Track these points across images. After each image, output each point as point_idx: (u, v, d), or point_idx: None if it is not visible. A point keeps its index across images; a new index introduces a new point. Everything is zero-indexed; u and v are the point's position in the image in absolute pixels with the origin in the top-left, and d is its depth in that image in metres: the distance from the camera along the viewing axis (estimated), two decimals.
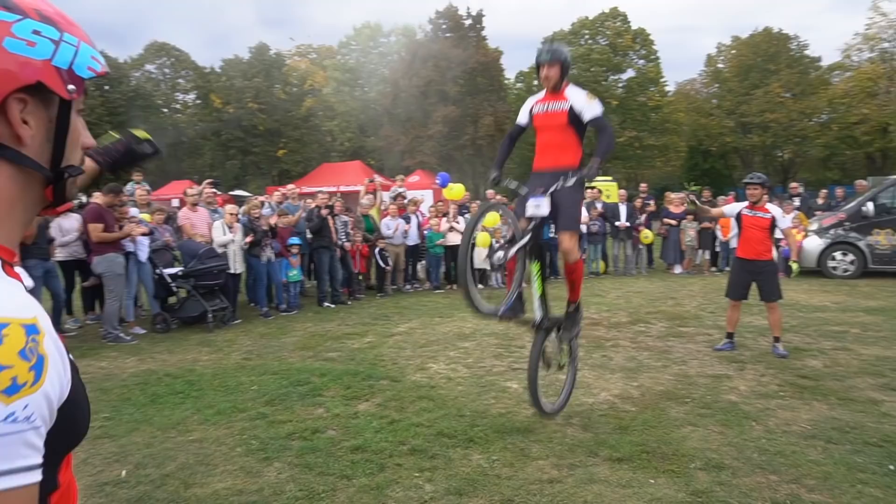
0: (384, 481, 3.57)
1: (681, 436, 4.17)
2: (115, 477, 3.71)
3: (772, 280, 6.22)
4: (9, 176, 0.78)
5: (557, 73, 4.04)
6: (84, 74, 0.82)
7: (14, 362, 0.65)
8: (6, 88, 0.74)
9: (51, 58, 0.77)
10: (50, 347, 0.70)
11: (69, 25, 0.82)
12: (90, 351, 6.89)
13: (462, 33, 31.58)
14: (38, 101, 0.78)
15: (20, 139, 0.77)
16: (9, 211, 0.79)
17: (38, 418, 0.67)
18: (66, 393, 0.73)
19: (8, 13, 0.75)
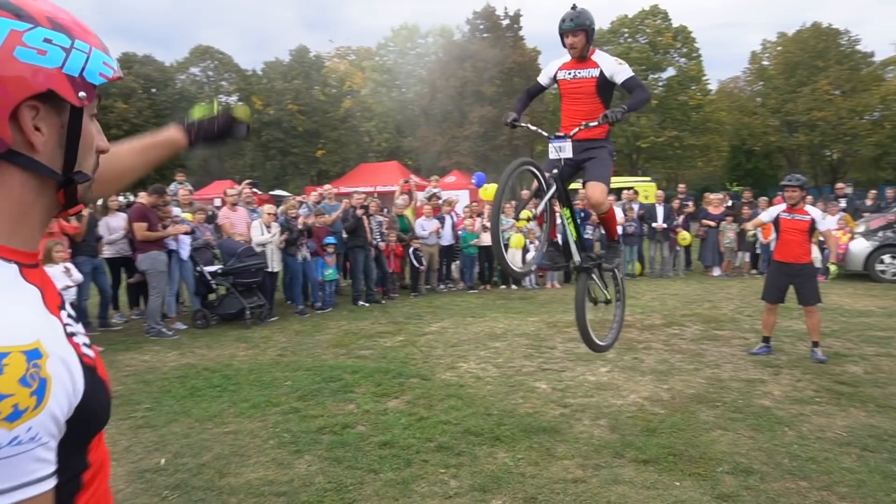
0: (410, 476, 3.65)
1: (710, 439, 4.13)
2: (154, 465, 3.88)
3: (810, 283, 6.07)
4: (23, 182, 0.81)
5: (583, 40, 3.82)
6: (95, 81, 0.84)
7: (15, 390, 0.68)
8: (18, 97, 0.76)
9: (61, 65, 0.79)
10: (53, 368, 0.73)
11: (82, 33, 0.84)
12: (134, 345, 7.17)
13: (499, 33, 31.54)
14: (49, 108, 0.80)
15: (33, 146, 0.79)
16: (24, 216, 0.82)
17: (45, 435, 0.72)
18: (78, 400, 0.78)
19: (20, 22, 0.77)
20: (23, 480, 0.69)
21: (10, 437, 0.67)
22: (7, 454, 0.67)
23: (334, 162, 36.65)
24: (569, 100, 4.01)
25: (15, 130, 0.78)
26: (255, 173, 36.64)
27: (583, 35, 3.79)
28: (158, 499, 3.45)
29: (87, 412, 0.79)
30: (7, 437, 0.67)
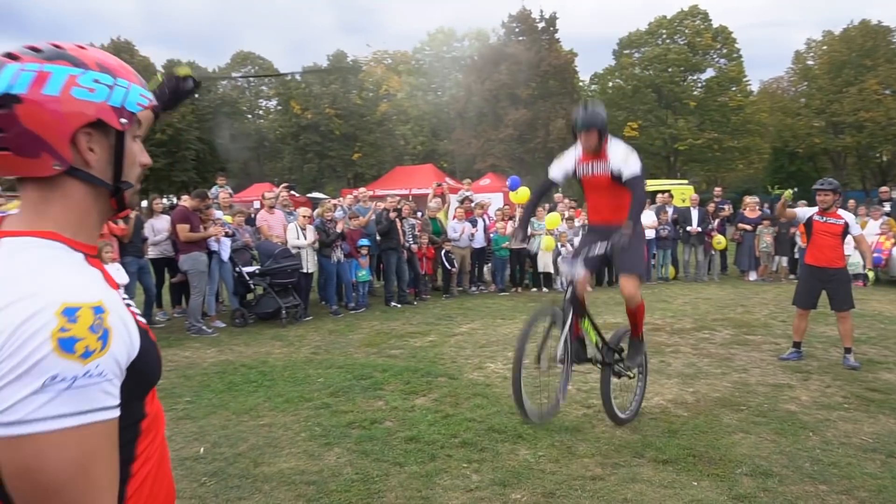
0: (434, 470, 3.79)
1: (731, 442, 4.16)
2: (194, 453, 4.12)
3: (843, 288, 6.00)
4: (82, 191, 1.02)
5: (596, 137, 4.05)
6: (134, 109, 1.05)
7: (86, 335, 0.87)
8: (74, 125, 0.97)
9: (106, 99, 1.00)
10: (113, 322, 0.92)
11: (124, 72, 1.05)
12: (176, 342, 7.52)
13: (535, 36, 31.51)
14: (99, 133, 1.01)
15: (88, 163, 1.00)
16: (86, 217, 1.04)
17: (109, 373, 0.90)
18: (135, 354, 0.97)
19: (75, 68, 0.99)
20: (94, 406, 0.88)
21: (84, 371, 0.86)
22: (82, 384, 0.86)
23: (370, 165, 37.14)
24: (591, 192, 4.31)
25: (74, 151, 0.99)
26: (292, 176, 37.38)
27: (595, 133, 4.01)
28: (197, 484, 3.67)
29: (143, 364, 0.99)
30: (82, 371, 0.86)
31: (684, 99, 33.91)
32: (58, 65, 0.98)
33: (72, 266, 0.96)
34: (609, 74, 36.78)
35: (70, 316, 0.86)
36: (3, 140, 0.95)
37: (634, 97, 34.02)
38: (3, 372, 0.84)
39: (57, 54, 0.99)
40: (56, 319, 0.85)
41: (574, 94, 32.08)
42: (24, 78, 0.95)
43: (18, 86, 0.94)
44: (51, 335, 0.84)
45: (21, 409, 0.83)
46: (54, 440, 0.84)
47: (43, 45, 1.01)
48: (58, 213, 1.00)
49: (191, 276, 7.93)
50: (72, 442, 0.85)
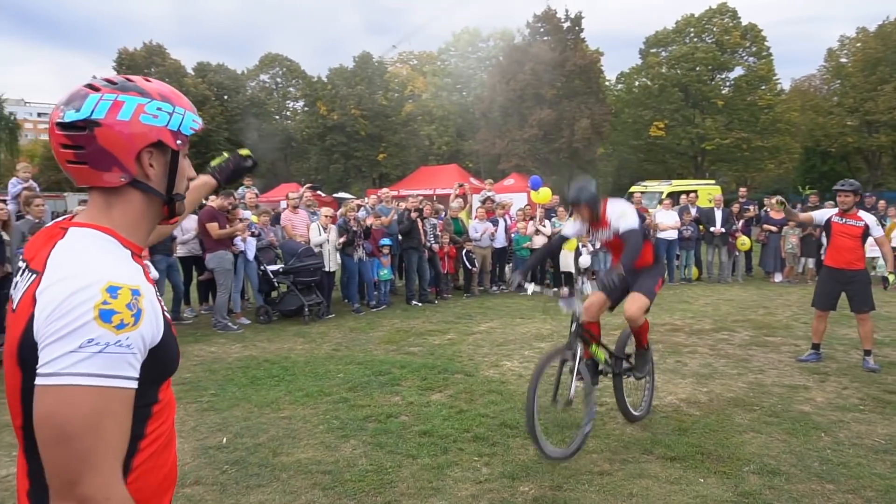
0: (445, 462, 3.91)
1: (741, 441, 4.20)
2: (217, 443, 4.31)
3: (863, 290, 5.95)
4: (141, 200, 1.22)
5: (588, 211, 4.32)
6: (187, 133, 1.25)
7: (122, 310, 1.03)
8: (140, 145, 1.17)
9: (167, 124, 1.20)
10: (146, 305, 1.08)
11: (179, 100, 1.25)
12: (202, 337, 7.77)
13: (560, 36, 31.42)
14: (159, 151, 1.21)
15: (148, 176, 1.21)
16: (140, 222, 1.23)
17: (136, 348, 1.05)
18: (158, 339, 1.12)
19: (142, 97, 1.19)
20: (118, 373, 1.03)
21: (116, 340, 1.02)
22: (112, 351, 1.02)
23: (395, 165, 37.44)
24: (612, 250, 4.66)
25: (138, 166, 1.19)
26: (318, 176, 37.93)
27: (586, 208, 4.29)
28: (219, 472, 3.85)
29: (163, 353, 1.14)
30: (114, 339, 1.02)
31: (712, 98, 33.46)
32: (129, 95, 1.18)
33: (120, 257, 1.14)
34: (635, 73, 36.49)
35: (112, 293, 1.03)
36: (83, 156, 1.15)
37: (661, 96, 33.68)
38: (51, 332, 1.00)
39: (128, 87, 1.20)
40: (100, 294, 1.02)
41: (599, 94, 31.94)
42: (102, 106, 1.15)
43: (98, 112, 1.14)
44: (94, 306, 1.01)
45: (58, 363, 0.99)
46: (78, 394, 0.99)
47: (117, 78, 1.22)
48: (117, 216, 1.20)
49: (217, 274, 8.18)
50: (92, 399, 1.00)
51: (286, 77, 48.50)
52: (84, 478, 1.00)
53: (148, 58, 36.75)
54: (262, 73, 48.90)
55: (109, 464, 1.03)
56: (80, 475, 1.00)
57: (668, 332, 7.85)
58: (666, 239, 12.64)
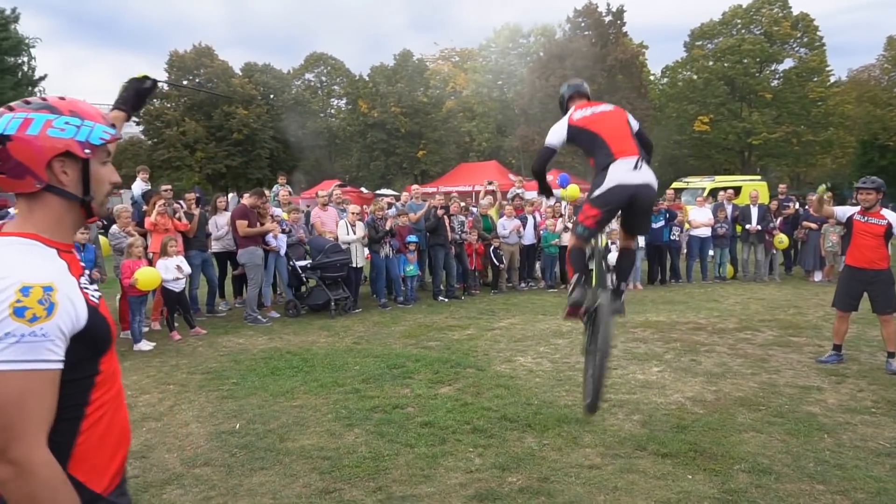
0: (441, 452, 4.06)
1: (738, 440, 4.19)
2: (230, 428, 4.58)
3: (886, 290, 5.80)
4: (59, 203, 1.39)
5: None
6: (97, 142, 1.41)
7: (34, 305, 1.21)
8: (49, 155, 1.35)
9: (74, 136, 1.37)
10: (60, 299, 1.25)
11: (90, 115, 1.42)
12: (233, 329, 8.13)
13: (601, 30, 30.98)
14: (71, 160, 1.38)
15: (62, 182, 1.38)
16: (61, 221, 1.40)
17: (53, 336, 1.23)
18: (81, 325, 1.30)
19: (51, 114, 1.37)
20: (37, 357, 1.22)
21: (31, 331, 1.21)
22: (30, 340, 1.20)
23: (434, 162, 37.65)
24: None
25: (50, 174, 1.37)
26: (360, 173, 38.51)
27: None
28: (229, 455, 4.10)
29: (91, 334, 1.33)
30: (28, 331, 1.20)
31: (760, 91, 32.39)
32: (39, 113, 1.37)
33: (42, 257, 1.32)
34: (680, 67, 35.61)
35: (25, 292, 1.22)
36: (1, 167, 1.34)
37: (706, 90, 32.79)
38: None
39: (41, 105, 1.39)
40: (14, 294, 1.21)
41: (642, 89, 31.33)
42: (14, 123, 1.33)
43: (10, 128, 1.34)
44: (9, 305, 1.20)
45: None
46: (2, 377, 1.19)
47: (33, 99, 1.41)
48: (39, 219, 1.38)
49: (247, 268, 8.53)
50: (15, 380, 1.20)
51: (331, 75, 49.35)
52: (11, 444, 1.20)
53: (197, 59, 37.96)
54: (307, 71, 49.91)
55: (33, 433, 1.22)
56: (8, 443, 1.20)
57: (689, 330, 7.78)
58: (699, 236, 12.44)
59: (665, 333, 7.56)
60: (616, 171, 3.51)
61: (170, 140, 36.02)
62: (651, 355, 6.52)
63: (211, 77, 38.25)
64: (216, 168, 37.44)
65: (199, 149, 36.81)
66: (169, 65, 38.20)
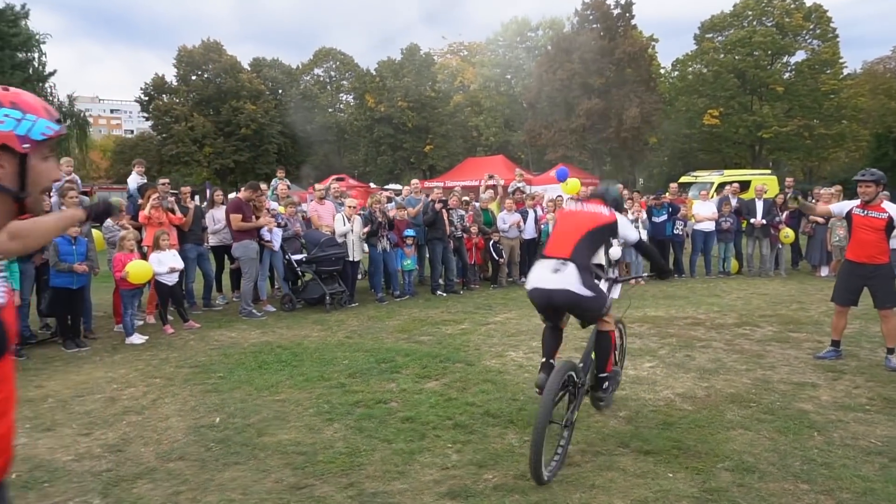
0: (418, 448, 3.99)
1: (725, 437, 4.08)
2: (210, 422, 4.53)
3: (887, 284, 5.64)
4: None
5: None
6: (37, 137, 1.34)
7: None
8: None
9: (13, 129, 1.31)
10: None
11: (33, 109, 1.35)
12: (226, 323, 8.10)
13: (609, 23, 30.66)
14: (8, 154, 1.32)
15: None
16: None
17: None
18: None
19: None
20: None
21: None
22: None
23: (441, 156, 37.55)
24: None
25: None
26: (367, 168, 38.51)
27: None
28: (204, 449, 4.05)
29: None
30: None
31: (771, 84, 31.92)
32: None
33: None
34: (690, 60, 35.17)
35: None
36: None
37: (715, 83, 32.39)
38: None
39: None
40: None
41: (650, 82, 31.00)
42: None
43: None
44: None
45: None
46: None
47: None
48: None
49: (242, 262, 8.50)
50: None
51: (339, 70, 49.37)
52: None
53: (205, 54, 38.11)
54: (316, 66, 49.96)
55: None
56: None
57: (687, 325, 7.65)
58: (703, 231, 12.26)
59: (662, 329, 7.44)
60: (533, 272, 3.83)
61: (178, 135, 36.24)
62: (645, 351, 6.40)
63: (219, 72, 38.37)
64: (224, 163, 37.62)
65: (207, 144, 37.01)
66: (178, 60, 38.37)
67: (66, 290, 6.78)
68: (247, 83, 37.60)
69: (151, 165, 37.74)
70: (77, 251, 6.81)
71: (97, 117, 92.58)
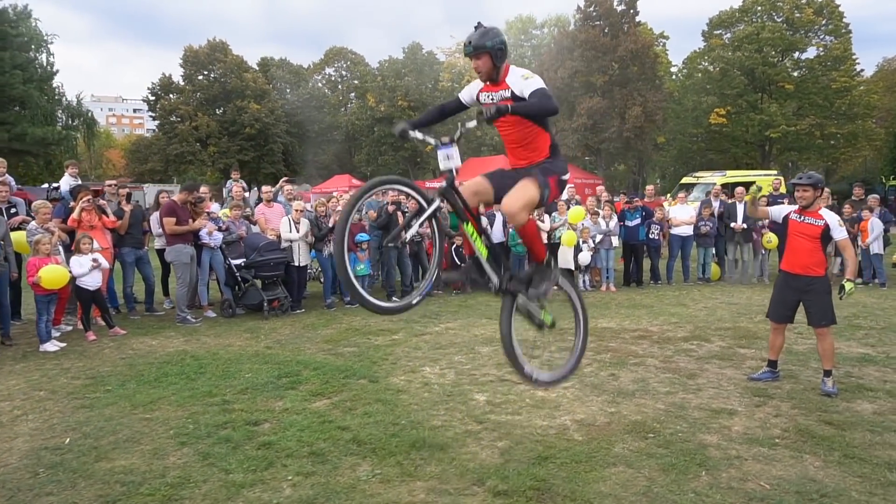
0: (255, 480, 3.63)
1: (599, 476, 3.65)
2: (58, 443, 4.22)
3: (821, 300, 5.15)
4: None
5: (488, 62, 3.38)
6: None
7: None
8: None
9: None
10: None
11: None
12: (154, 330, 7.82)
13: (613, 20, 29.96)
14: None
15: None
16: None
17: None
18: None
19: None
20: None
21: None
22: None
23: None
24: (500, 127, 3.62)
25: None
26: (369, 168, 38.24)
27: (487, 57, 3.38)
28: (30, 475, 3.74)
29: None
30: None
31: (780, 81, 30.92)
32: None
33: None
34: (698, 57, 34.24)
35: None
36: None
37: (722, 81, 31.47)
38: None
39: None
40: None
41: (655, 80, 30.24)
42: None
43: None
44: None
45: None
46: None
47: None
48: None
49: (175, 267, 8.23)
50: None
51: (350, 70, 49.21)
52: None
53: (211, 54, 38.19)
54: (327, 66, 49.87)
55: None
56: None
57: (632, 339, 7.19)
58: (680, 235, 11.72)
59: (602, 342, 6.98)
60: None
61: (182, 134, 36.35)
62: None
63: (225, 71, 38.45)
64: (228, 162, 37.64)
65: (211, 143, 37.07)
66: (184, 60, 38.54)
67: None
68: (251, 82, 37.60)
69: (158, 165, 38.00)
70: None
71: (120, 116, 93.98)
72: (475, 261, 3.53)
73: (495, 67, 3.39)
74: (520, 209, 3.27)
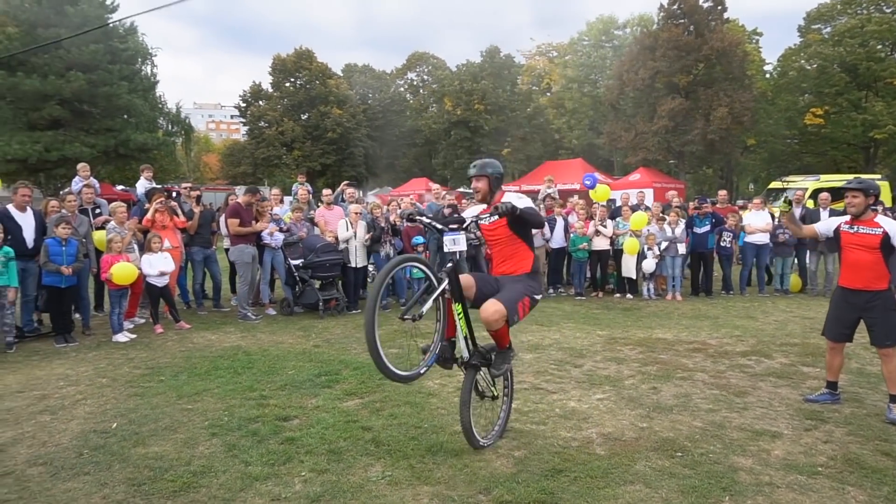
0: (271, 473, 3.76)
1: (611, 493, 3.51)
2: (105, 428, 4.55)
3: (885, 317, 4.71)
4: None
5: (486, 185, 4.13)
6: None
7: None
8: None
9: None
10: None
11: None
12: (218, 325, 8.27)
13: (698, 17, 28.64)
14: None
15: None
16: None
17: None
18: None
19: None
20: None
21: None
22: None
23: (518, 160, 36.90)
24: (493, 245, 4.23)
25: None
26: (445, 171, 38.56)
27: (486, 181, 4.11)
28: (75, 455, 4.05)
29: None
30: None
31: (887, 78, 28.36)
32: None
33: None
34: (793, 55, 32.05)
35: None
36: None
37: (819, 79, 29.28)
38: None
39: None
40: None
41: (744, 80, 28.62)
42: None
43: None
44: None
45: None
46: None
47: None
48: None
49: (238, 266, 8.65)
50: None
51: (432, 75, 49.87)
52: None
53: (297, 62, 39.83)
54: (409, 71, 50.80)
55: None
56: None
57: (686, 351, 6.85)
58: (754, 244, 11.04)
59: (652, 354, 6.70)
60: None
61: (269, 139, 38.12)
62: (609, 379, 5.77)
63: (310, 78, 39.99)
64: (311, 166, 39.12)
65: (296, 147, 38.65)
66: (272, 68, 40.43)
67: (57, 289, 7.17)
68: (334, 88, 38.89)
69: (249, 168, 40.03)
70: (67, 252, 7.18)
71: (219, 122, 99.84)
72: (450, 343, 4.10)
73: (491, 191, 4.15)
74: (495, 321, 3.88)
